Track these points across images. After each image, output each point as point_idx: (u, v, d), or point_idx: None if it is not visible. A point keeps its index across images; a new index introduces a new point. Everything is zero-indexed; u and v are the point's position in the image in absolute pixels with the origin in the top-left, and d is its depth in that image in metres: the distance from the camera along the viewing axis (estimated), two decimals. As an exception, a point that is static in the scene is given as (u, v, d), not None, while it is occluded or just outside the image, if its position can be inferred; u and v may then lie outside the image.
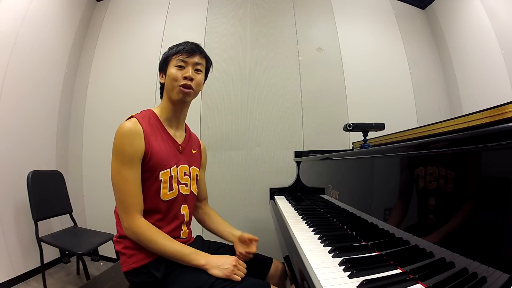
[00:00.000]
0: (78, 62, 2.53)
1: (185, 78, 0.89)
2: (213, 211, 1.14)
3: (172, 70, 0.91)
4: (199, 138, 1.11)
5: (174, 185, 0.90)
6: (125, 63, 2.44)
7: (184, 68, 0.91)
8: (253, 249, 0.94)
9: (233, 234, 1.01)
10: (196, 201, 1.07)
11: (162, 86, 0.97)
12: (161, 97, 0.98)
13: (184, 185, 0.93)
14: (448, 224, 0.48)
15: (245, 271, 0.85)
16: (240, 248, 0.94)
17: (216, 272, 0.80)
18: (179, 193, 0.91)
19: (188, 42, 0.95)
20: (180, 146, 0.95)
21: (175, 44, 0.96)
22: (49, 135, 2.26)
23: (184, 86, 0.89)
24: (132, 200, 0.81)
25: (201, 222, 1.12)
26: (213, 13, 2.43)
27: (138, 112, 0.92)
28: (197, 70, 0.93)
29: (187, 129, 1.03)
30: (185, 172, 0.94)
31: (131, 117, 0.88)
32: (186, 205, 0.95)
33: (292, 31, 2.45)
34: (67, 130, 2.46)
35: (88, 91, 2.48)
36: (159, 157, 0.86)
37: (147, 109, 0.95)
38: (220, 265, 0.82)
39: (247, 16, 2.45)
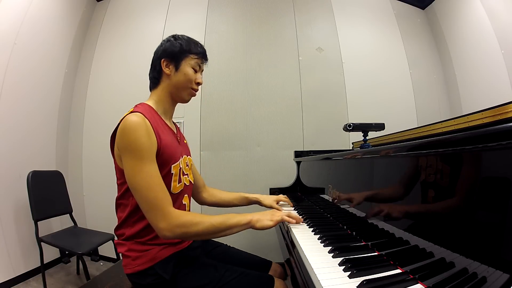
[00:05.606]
0: (78, 62, 2.53)
1: (197, 83, 0.93)
2: (215, 189, 1.19)
3: (189, 70, 0.90)
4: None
5: (181, 177, 0.90)
6: (125, 63, 2.44)
7: (196, 72, 0.92)
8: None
9: (248, 197, 1.16)
10: (197, 189, 1.11)
11: (160, 75, 0.90)
12: (155, 87, 0.92)
13: (187, 175, 0.94)
14: (448, 224, 0.48)
15: (285, 213, 0.92)
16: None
17: (262, 224, 0.83)
18: (184, 184, 0.92)
19: (202, 46, 0.95)
20: (177, 137, 0.96)
21: (185, 35, 0.93)
22: (49, 135, 2.26)
23: (195, 90, 0.93)
24: (163, 195, 0.75)
25: (212, 203, 1.15)
26: (213, 13, 2.43)
27: (133, 107, 0.84)
28: None
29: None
30: (186, 163, 0.96)
31: (131, 112, 0.80)
32: (186, 195, 0.95)
33: (292, 31, 2.46)
34: (67, 130, 2.46)
35: (88, 91, 2.48)
36: (170, 150, 0.84)
37: (140, 104, 0.87)
38: (263, 216, 0.85)
39: (247, 16, 2.45)
